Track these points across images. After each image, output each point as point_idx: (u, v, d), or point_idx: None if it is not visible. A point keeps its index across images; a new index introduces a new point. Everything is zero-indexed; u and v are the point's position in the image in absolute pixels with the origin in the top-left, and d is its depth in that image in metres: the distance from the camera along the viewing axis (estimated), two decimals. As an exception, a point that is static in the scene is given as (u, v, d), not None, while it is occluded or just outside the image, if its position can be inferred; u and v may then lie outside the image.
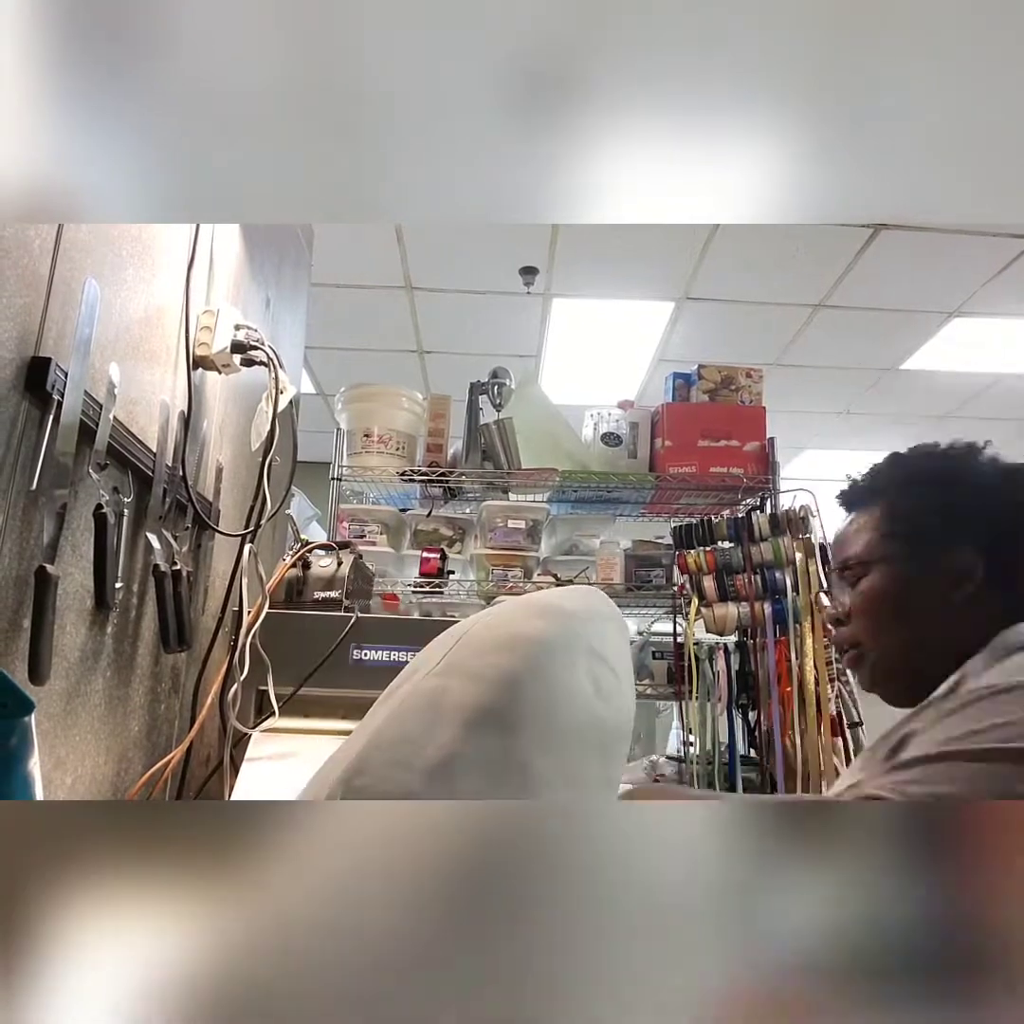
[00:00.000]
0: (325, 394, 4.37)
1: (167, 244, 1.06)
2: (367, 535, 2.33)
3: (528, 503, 2.48)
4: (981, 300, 3.36)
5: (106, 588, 0.87)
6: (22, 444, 0.73)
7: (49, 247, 0.75)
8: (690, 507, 2.59)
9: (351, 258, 3.13)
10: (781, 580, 2.09)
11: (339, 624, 1.22)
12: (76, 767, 0.88)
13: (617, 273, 3.24)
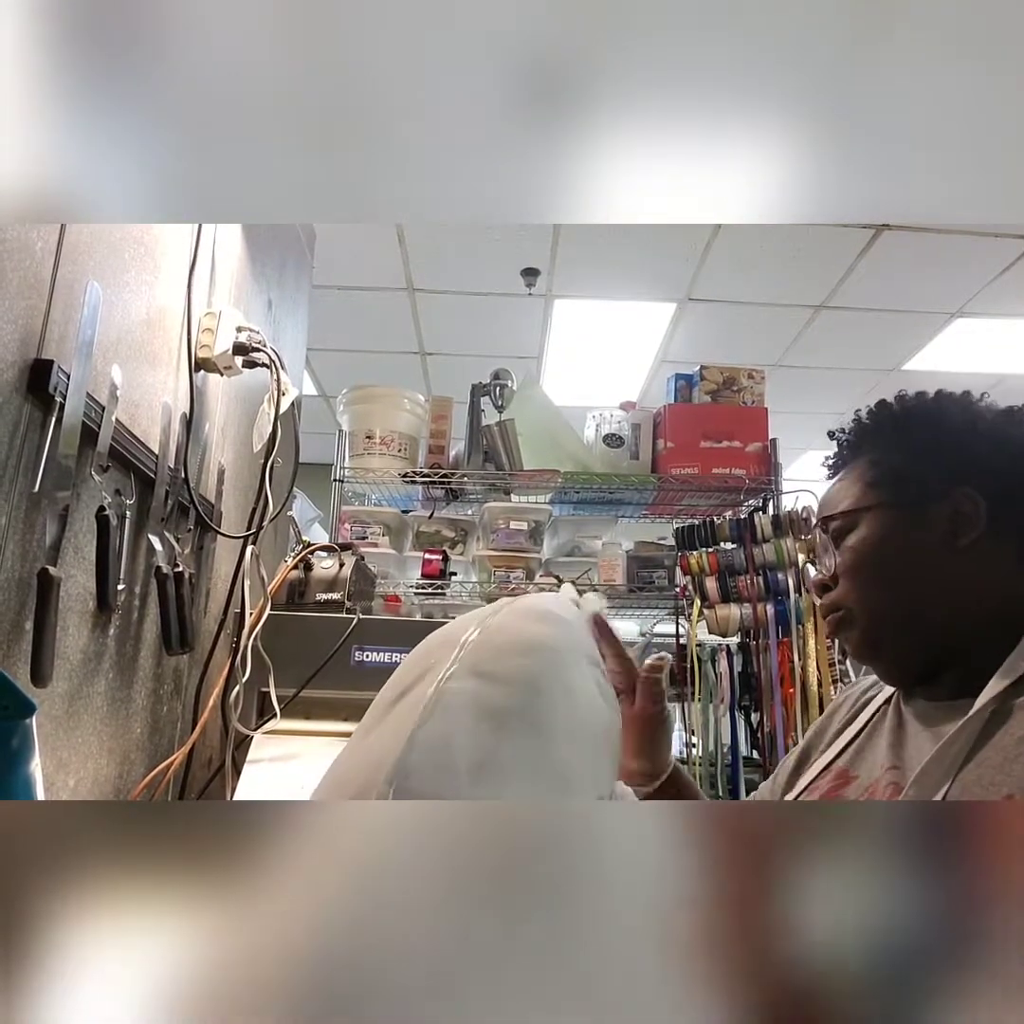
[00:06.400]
0: (327, 396, 4.37)
1: (169, 246, 1.07)
2: (369, 537, 2.34)
3: (530, 504, 2.48)
4: (984, 301, 3.35)
5: (108, 590, 0.87)
6: (24, 446, 0.73)
7: (51, 250, 0.76)
8: (692, 508, 2.59)
9: (353, 260, 3.14)
10: (784, 581, 2.09)
11: (341, 626, 1.22)
12: (78, 769, 0.88)
13: (619, 274, 3.24)
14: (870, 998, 0.33)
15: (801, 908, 0.34)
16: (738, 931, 0.34)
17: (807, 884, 0.35)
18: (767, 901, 0.35)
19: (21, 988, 0.32)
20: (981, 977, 0.33)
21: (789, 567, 2.10)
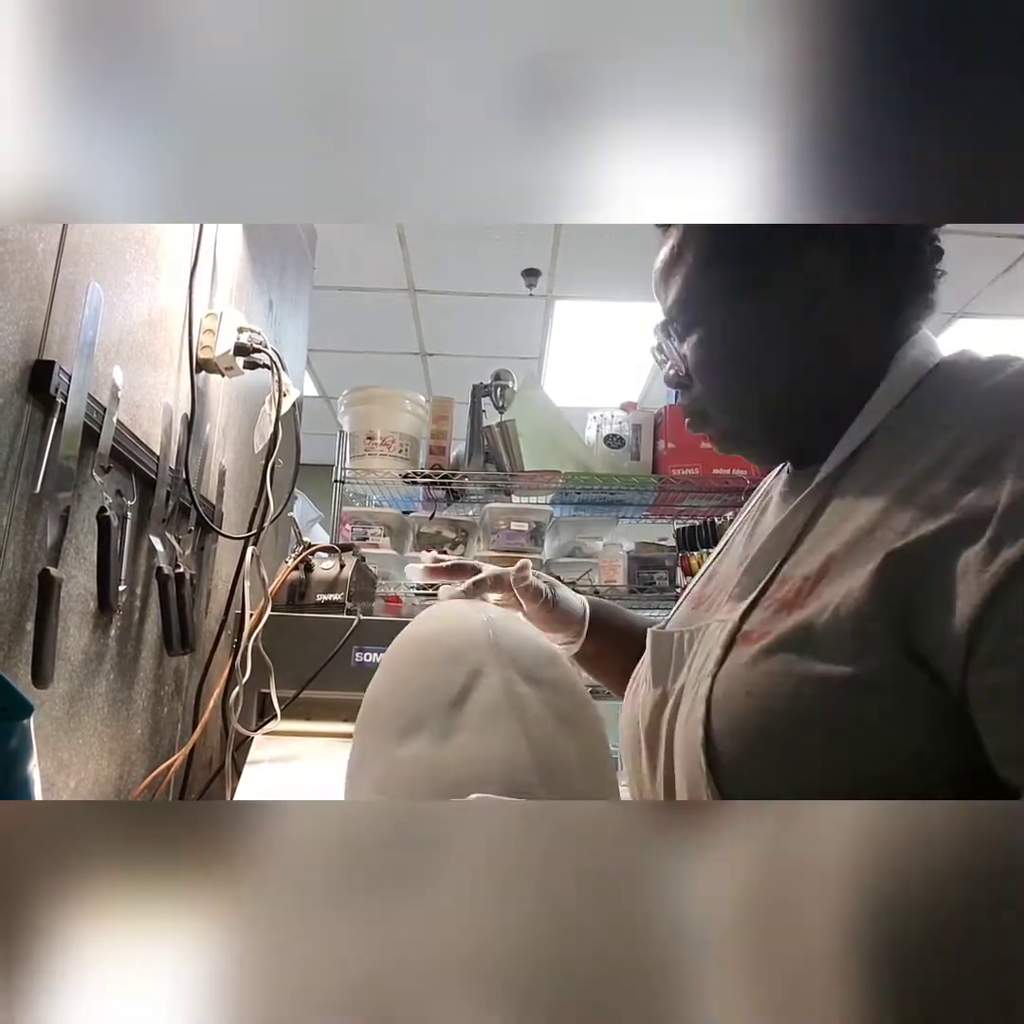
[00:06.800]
0: (328, 397, 4.37)
1: (170, 247, 1.07)
2: (370, 537, 2.34)
3: (531, 505, 2.48)
4: (985, 301, 3.35)
5: (109, 591, 0.87)
6: (26, 447, 0.73)
7: (53, 251, 0.76)
8: (693, 509, 2.59)
9: (354, 261, 3.14)
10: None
11: (342, 627, 1.22)
12: (79, 770, 0.88)
13: (620, 275, 3.24)
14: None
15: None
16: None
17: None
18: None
19: (21, 989, 0.32)
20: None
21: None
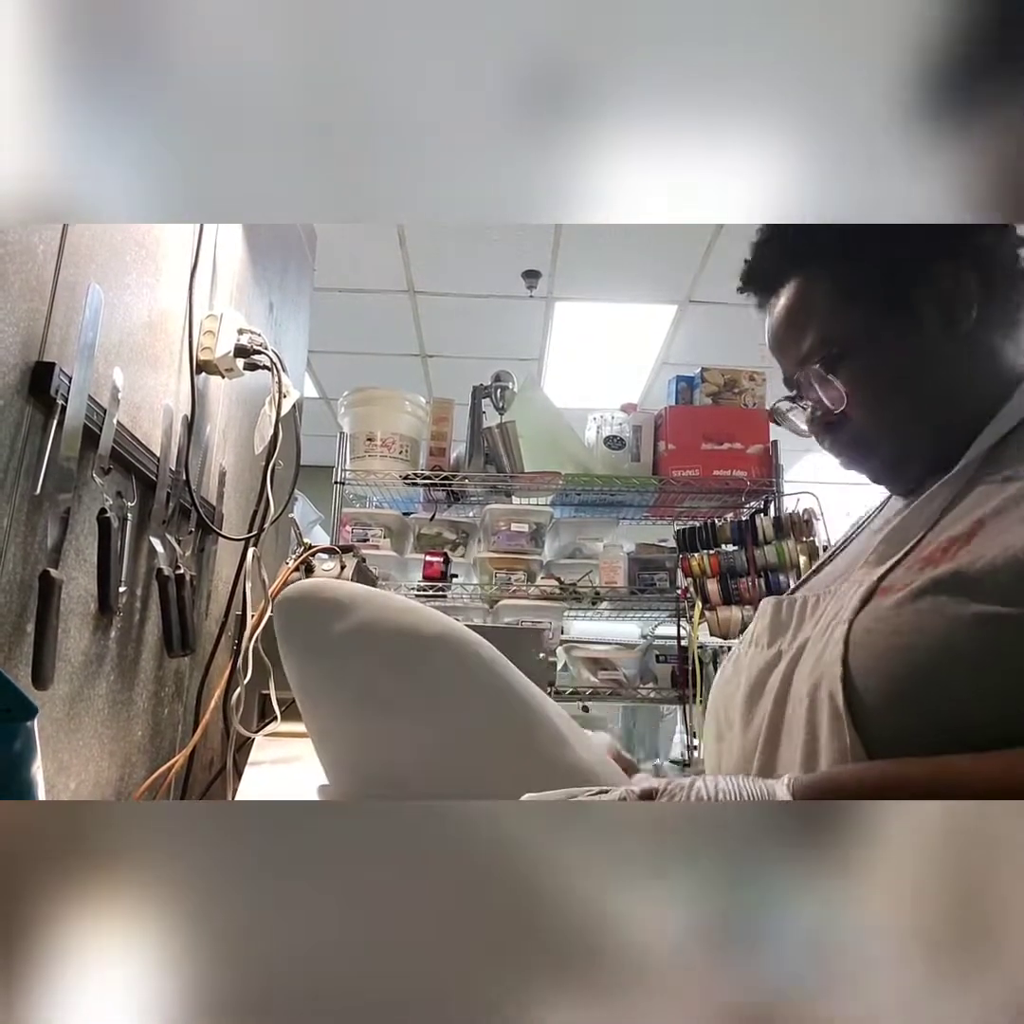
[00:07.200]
0: (328, 398, 4.37)
1: (170, 249, 1.07)
2: (370, 539, 2.34)
3: (531, 507, 2.48)
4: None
5: (110, 592, 0.87)
6: (26, 449, 0.73)
7: (53, 252, 0.76)
8: (693, 510, 2.59)
9: (354, 262, 3.14)
10: (785, 583, 2.09)
11: (342, 628, 1.22)
12: (80, 771, 0.88)
13: (620, 276, 3.24)
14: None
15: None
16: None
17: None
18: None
19: (22, 989, 0.32)
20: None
21: (791, 569, 2.10)
